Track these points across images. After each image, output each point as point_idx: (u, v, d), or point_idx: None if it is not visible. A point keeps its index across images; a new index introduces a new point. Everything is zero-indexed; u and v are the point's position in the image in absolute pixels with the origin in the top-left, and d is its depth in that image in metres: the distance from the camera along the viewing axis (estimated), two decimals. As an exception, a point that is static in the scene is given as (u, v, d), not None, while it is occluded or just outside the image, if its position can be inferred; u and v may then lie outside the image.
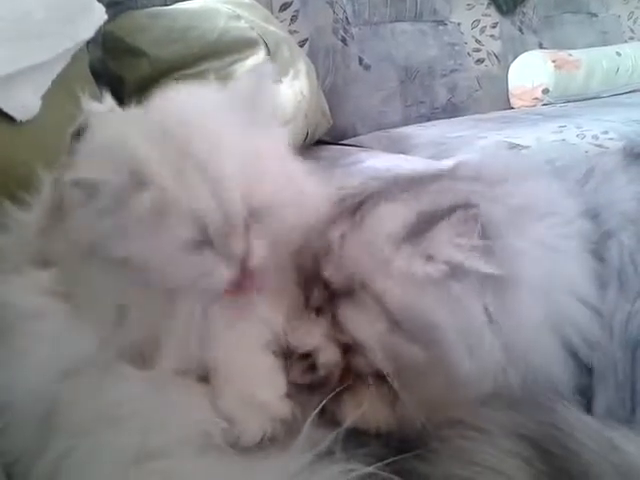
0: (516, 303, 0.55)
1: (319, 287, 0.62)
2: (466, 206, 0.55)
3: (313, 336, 0.60)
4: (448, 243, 0.54)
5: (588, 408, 0.54)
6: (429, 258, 0.55)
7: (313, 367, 0.59)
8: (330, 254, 0.60)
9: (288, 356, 0.60)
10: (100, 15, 1.01)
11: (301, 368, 0.59)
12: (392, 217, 0.59)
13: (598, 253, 0.59)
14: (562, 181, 0.66)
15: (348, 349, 0.59)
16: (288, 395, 0.58)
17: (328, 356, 0.59)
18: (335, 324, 0.59)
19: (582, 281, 0.58)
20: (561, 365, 0.56)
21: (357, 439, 0.56)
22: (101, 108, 0.61)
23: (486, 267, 0.54)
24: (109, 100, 0.63)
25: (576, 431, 0.46)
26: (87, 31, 0.96)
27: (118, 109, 0.63)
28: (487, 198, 0.59)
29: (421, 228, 0.56)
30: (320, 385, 0.59)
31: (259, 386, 0.58)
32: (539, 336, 0.56)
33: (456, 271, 0.55)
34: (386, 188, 0.65)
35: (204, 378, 0.58)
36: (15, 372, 0.53)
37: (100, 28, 1.23)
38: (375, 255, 0.57)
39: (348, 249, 0.60)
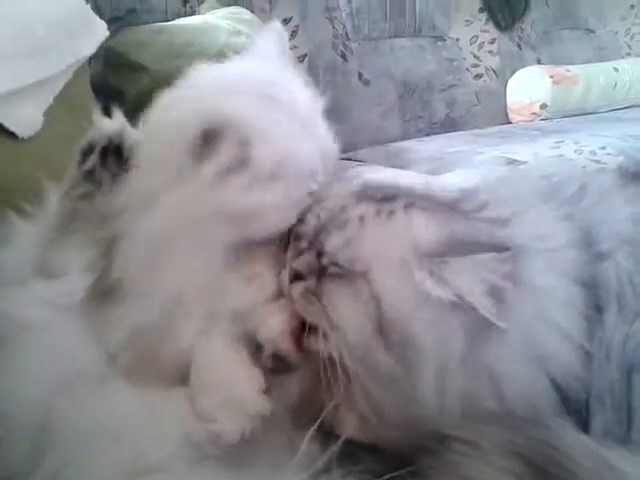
0: (497, 342, 0.55)
1: (311, 254, 0.60)
2: (505, 249, 0.54)
3: (277, 321, 0.60)
4: (473, 277, 0.53)
5: (584, 430, 0.54)
6: (444, 282, 0.54)
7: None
8: (342, 230, 0.59)
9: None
10: (102, 31, 1.02)
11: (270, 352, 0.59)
12: (424, 228, 0.57)
13: (592, 277, 0.59)
14: (557, 202, 0.66)
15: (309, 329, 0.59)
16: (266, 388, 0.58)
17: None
18: (310, 299, 0.59)
19: (567, 318, 0.57)
20: (546, 400, 0.56)
21: (352, 455, 0.56)
22: (111, 124, 0.61)
23: (495, 318, 0.53)
24: (119, 116, 0.63)
25: (571, 449, 0.46)
26: (89, 47, 0.97)
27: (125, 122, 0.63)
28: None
29: (453, 250, 0.55)
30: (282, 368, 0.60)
31: (237, 383, 0.57)
32: (522, 372, 0.55)
33: (461, 306, 0.54)
34: (419, 196, 0.63)
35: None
36: (11, 385, 0.53)
37: (102, 44, 1.24)
38: (393, 254, 0.56)
39: (365, 234, 0.58)
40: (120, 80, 1.42)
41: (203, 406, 0.56)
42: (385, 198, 0.61)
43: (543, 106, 2.43)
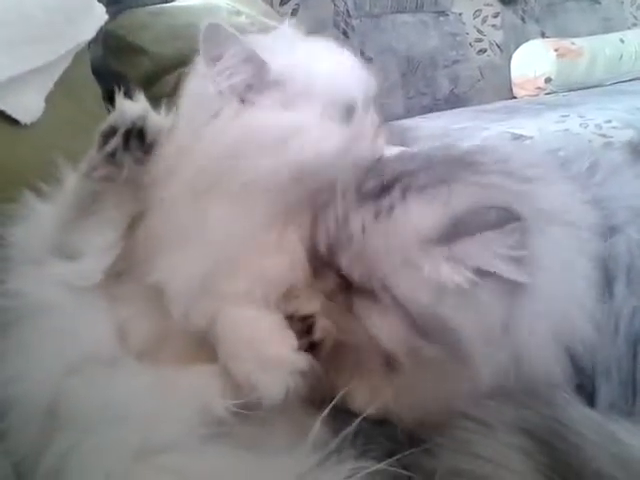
0: (528, 313, 0.55)
1: (332, 274, 0.61)
2: (516, 218, 0.53)
3: (313, 303, 0.60)
4: (488, 253, 0.53)
5: (590, 404, 0.54)
6: (459, 263, 0.54)
7: (309, 331, 0.59)
8: (349, 246, 0.59)
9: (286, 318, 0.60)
10: (101, 15, 1.01)
11: (297, 330, 0.59)
12: (423, 215, 0.57)
13: (603, 250, 0.59)
14: (569, 177, 0.66)
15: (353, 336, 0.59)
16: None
17: (326, 322, 0.59)
18: (346, 312, 0.59)
19: (586, 293, 0.57)
20: (562, 370, 0.56)
21: (364, 435, 0.56)
22: (135, 107, 0.61)
23: (519, 275, 0.53)
24: (142, 99, 0.63)
25: (578, 424, 0.47)
26: (88, 32, 0.96)
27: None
28: (516, 196, 0.58)
29: (458, 232, 0.54)
30: (313, 350, 0.59)
31: (270, 343, 0.57)
32: (545, 345, 0.55)
33: (484, 278, 0.54)
34: (417, 172, 0.61)
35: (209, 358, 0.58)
36: (22, 367, 0.54)
37: (101, 27, 1.23)
38: (400, 255, 0.56)
39: (370, 244, 0.58)
40: (121, 63, 1.42)
41: (240, 373, 0.55)
42: (383, 190, 0.60)
43: (548, 80, 2.41)
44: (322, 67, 0.64)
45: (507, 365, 0.55)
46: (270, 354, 0.56)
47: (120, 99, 0.62)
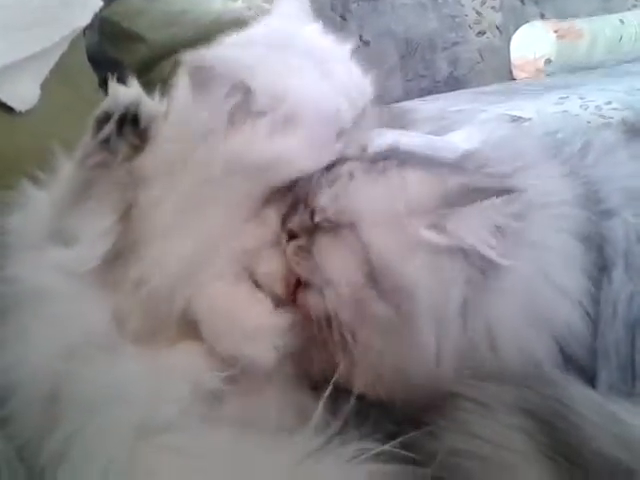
0: (495, 294, 0.55)
1: (304, 213, 0.61)
2: (510, 191, 0.53)
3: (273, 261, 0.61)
4: (476, 222, 0.53)
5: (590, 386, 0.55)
6: (442, 230, 0.54)
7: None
8: (331, 186, 0.60)
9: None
10: (96, 1, 1.01)
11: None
12: (419, 183, 0.57)
13: (598, 235, 0.59)
14: (561, 159, 0.65)
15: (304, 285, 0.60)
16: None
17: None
18: (303, 256, 0.60)
19: (569, 276, 0.57)
20: (548, 358, 0.56)
21: (365, 416, 0.56)
22: (128, 92, 0.61)
23: (497, 256, 0.53)
24: (136, 85, 0.63)
25: (578, 404, 0.47)
26: (83, 18, 0.95)
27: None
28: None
29: (448, 204, 0.54)
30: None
31: (247, 312, 0.58)
32: (519, 327, 0.55)
33: (461, 251, 0.54)
34: (414, 154, 0.62)
35: None
36: (22, 352, 0.55)
37: (96, 13, 1.22)
38: (382, 205, 0.57)
39: (353, 188, 0.59)
40: (116, 50, 1.41)
41: (227, 347, 0.56)
42: (376, 157, 0.61)
43: (547, 61, 2.39)
44: (310, 90, 0.61)
45: (477, 343, 0.54)
46: (249, 323, 0.57)
47: (113, 85, 0.62)
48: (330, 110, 0.62)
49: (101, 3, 1.04)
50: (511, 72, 2.48)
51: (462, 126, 0.80)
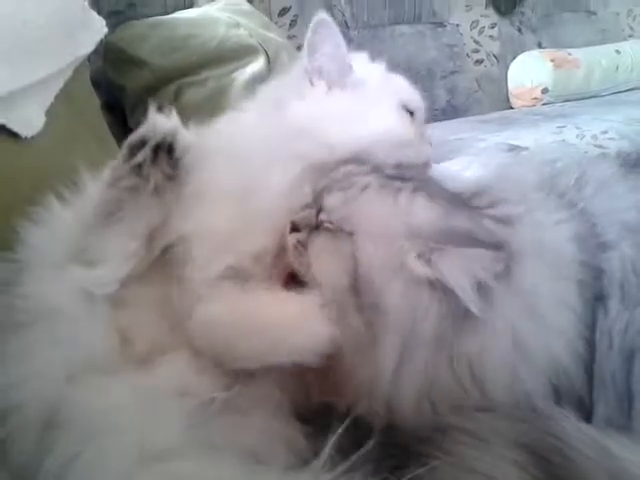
0: (476, 334, 0.55)
1: (311, 210, 0.63)
2: (501, 248, 0.54)
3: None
4: (462, 268, 0.53)
5: (587, 418, 0.55)
6: (429, 263, 0.55)
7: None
8: (343, 192, 0.62)
9: None
10: (100, 28, 1.02)
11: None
12: (424, 211, 0.59)
13: (594, 268, 0.59)
14: (559, 191, 0.66)
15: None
16: None
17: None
18: (300, 251, 0.61)
19: (561, 317, 0.57)
20: (542, 393, 0.56)
21: (357, 444, 0.56)
22: (166, 122, 0.61)
23: (475, 308, 0.53)
24: (174, 115, 0.62)
25: (573, 439, 0.47)
26: (88, 45, 0.97)
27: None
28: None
29: (445, 239, 0.55)
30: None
31: (280, 305, 0.60)
32: (508, 366, 0.55)
33: (441, 289, 0.54)
34: (430, 183, 0.65)
35: None
36: (23, 371, 0.54)
37: (101, 39, 1.24)
38: (383, 223, 0.58)
39: (363, 199, 0.61)
40: (120, 75, 1.43)
41: (260, 348, 0.57)
42: (397, 177, 0.63)
43: (545, 90, 2.42)
44: (394, 77, 0.83)
45: (459, 377, 0.55)
46: (287, 313, 0.58)
47: (152, 112, 0.62)
48: (409, 93, 0.82)
49: (105, 29, 1.05)
50: (508, 100, 2.52)
51: (461, 154, 0.82)
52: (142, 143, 0.60)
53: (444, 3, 2.42)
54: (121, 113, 1.45)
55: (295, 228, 0.63)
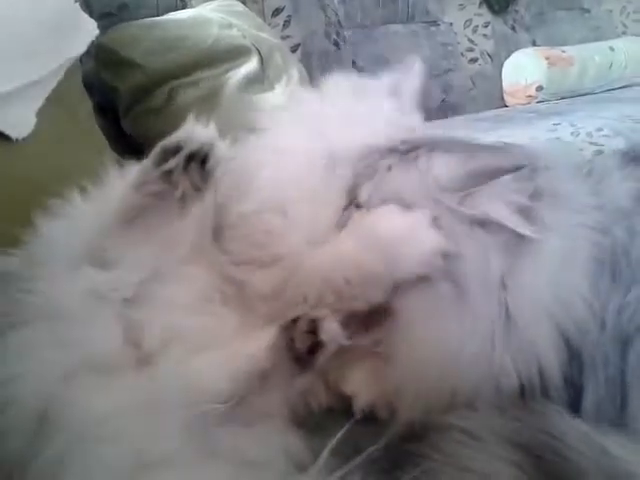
0: (528, 275, 0.57)
1: (349, 207, 0.65)
2: (527, 166, 0.58)
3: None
4: (499, 198, 0.57)
5: (577, 402, 0.55)
6: (470, 205, 0.58)
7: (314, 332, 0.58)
8: (371, 180, 0.64)
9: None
10: (92, 29, 1.02)
11: (303, 330, 0.58)
12: (445, 166, 0.61)
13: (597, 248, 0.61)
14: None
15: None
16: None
17: (334, 326, 0.59)
18: None
19: (582, 273, 0.59)
20: (554, 350, 0.56)
21: (354, 446, 0.56)
22: (205, 132, 0.60)
23: (524, 228, 0.57)
24: (213, 127, 0.61)
25: (567, 437, 0.47)
26: (79, 46, 0.96)
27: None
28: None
29: (471, 183, 0.58)
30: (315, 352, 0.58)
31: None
32: (536, 315, 0.57)
33: (488, 223, 0.58)
34: (443, 142, 0.67)
35: None
36: (22, 366, 0.53)
37: (93, 40, 1.23)
38: (412, 190, 0.61)
39: (390, 178, 0.63)
40: (113, 77, 1.42)
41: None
42: (410, 149, 0.65)
43: (539, 88, 2.42)
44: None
45: (495, 327, 0.56)
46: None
47: (191, 122, 0.60)
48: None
49: (97, 31, 1.05)
50: (503, 99, 2.52)
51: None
52: (177, 149, 0.59)
53: (437, 2, 2.41)
54: (114, 115, 1.45)
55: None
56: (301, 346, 0.56)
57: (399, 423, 0.58)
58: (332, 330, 0.56)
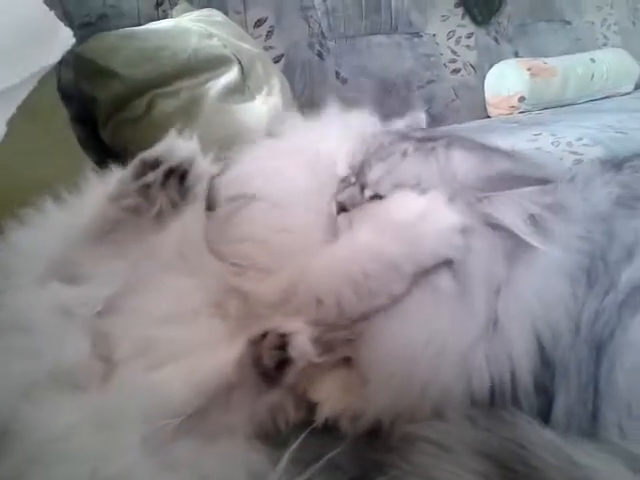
0: (523, 282, 0.57)
1: (355, 187, 0.65)
2: (548, 181, 0.58)
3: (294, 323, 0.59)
4: (515, 206, 0.57)
5: (549, 410, 0.54)
6: (482, 210, 0.58)
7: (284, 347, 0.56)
8: (384, 162, 0.64)
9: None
10: (67, 38, 1.00)
11: (272, 345, 0.56)
12: (464, 162, 0.61)
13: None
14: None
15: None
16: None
17: (304, 343, 0.57)
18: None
19: (568, 282, 0.59)
20: (527, 354, 0.56)
21: (329, 462, 0.55)
22: (187, 146, 0.59)
23: (534, 239, 0.56)
24: (195, 142, 0.60)
25: (535, 446, 0.47)
26: (53, 55, 0.95)
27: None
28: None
29: (491, 187, 0.58)
30: (284, 369, 0.56)
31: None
32: (523, 325, 0.57)
33: (499, 227, 0.57)
34: (460, 138, 0.68)
35: None
36: None
37: (72, 50, 1.22)
38: (430, 180, 0.61)
39: (406, 164, 0.63)
40: (92, 87, 1.41)
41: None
42: (427, 139, 0.66)
43: (521, 99, 2.44)
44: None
45: (483, 331, 0.56)
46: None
47: (173, 135, 0.59)
48: None
49: (73, 40, 1.04)
50: (486, 109, 2.53)
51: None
52: (156, 163, 0.57)
53: (421, 13, 2.43)
54: (93, 125, 1.44)
55: (343, 208, 0.64)
56: (269, 362, 0.54)
57: (364, 428, 0.58)
58: (302, 346, 0.54)
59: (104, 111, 1.40)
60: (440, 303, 0.57)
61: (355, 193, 0.65)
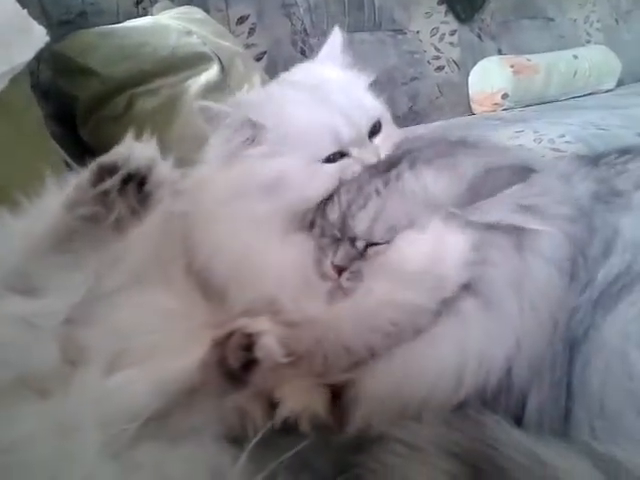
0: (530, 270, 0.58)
1: (346, 244, 0.65)
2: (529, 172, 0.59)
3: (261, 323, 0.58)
4: (502, 207, 0.58)
5: (522, 408, 0.54)
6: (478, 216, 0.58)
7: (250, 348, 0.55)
8: (365, 209, 0.64)
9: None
10: (40, 37, 0.98)
11: (238, 345, 0.55)
12: (436, 181, 0.62)
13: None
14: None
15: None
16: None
17: (271, 343, 0.56)
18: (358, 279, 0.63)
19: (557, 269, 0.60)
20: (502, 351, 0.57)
21: (298, 462, 0.55)
22: (146, 151, 0.56)
23: (534, 223, 0.58)
24: (154, 146, 0.57)
25: (505, 447, 0.47)
26: (25, 54, 0.93)
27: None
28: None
29: (475, 194, 0.59)
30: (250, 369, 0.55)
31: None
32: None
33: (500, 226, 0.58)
34: (421, 149, 0.68)
35: None
36: None
37: (50, 48, 1.20)
38: (413, 211, 0.61)
39: (386, 204, 0.63)
40: (71, 85, 1.40)
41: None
42: (390, 166, 0.66)
43: (505, 96, 2.45)
44: (301, 115, 0.76)
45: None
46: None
47: (130, 139, 0.56)
48: (329, 134, 0.73)
49: (47, 38, 1.02)
50: (469, 106, 2.54)
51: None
52: (113, 169, 0.55)
53: (404, 10, 2.43)
54: (72, 124, 1.42)
55: (341, 269, 0.64)
56: (234, 363, 0.53)
57: (350, 433, 0.57)
58: (268, 347, 0.53)
59: (83, 109, 1.39)
60: (467, 323, 0.58)
61: (348, 249, 0.65)
